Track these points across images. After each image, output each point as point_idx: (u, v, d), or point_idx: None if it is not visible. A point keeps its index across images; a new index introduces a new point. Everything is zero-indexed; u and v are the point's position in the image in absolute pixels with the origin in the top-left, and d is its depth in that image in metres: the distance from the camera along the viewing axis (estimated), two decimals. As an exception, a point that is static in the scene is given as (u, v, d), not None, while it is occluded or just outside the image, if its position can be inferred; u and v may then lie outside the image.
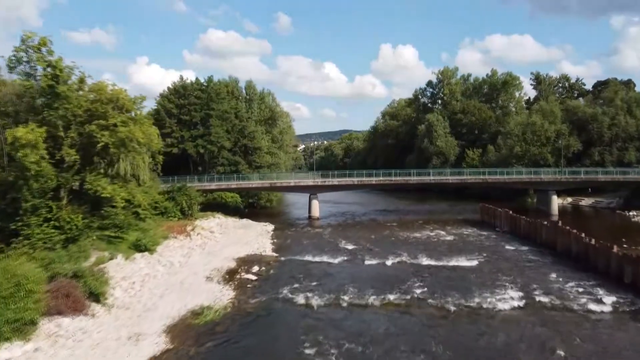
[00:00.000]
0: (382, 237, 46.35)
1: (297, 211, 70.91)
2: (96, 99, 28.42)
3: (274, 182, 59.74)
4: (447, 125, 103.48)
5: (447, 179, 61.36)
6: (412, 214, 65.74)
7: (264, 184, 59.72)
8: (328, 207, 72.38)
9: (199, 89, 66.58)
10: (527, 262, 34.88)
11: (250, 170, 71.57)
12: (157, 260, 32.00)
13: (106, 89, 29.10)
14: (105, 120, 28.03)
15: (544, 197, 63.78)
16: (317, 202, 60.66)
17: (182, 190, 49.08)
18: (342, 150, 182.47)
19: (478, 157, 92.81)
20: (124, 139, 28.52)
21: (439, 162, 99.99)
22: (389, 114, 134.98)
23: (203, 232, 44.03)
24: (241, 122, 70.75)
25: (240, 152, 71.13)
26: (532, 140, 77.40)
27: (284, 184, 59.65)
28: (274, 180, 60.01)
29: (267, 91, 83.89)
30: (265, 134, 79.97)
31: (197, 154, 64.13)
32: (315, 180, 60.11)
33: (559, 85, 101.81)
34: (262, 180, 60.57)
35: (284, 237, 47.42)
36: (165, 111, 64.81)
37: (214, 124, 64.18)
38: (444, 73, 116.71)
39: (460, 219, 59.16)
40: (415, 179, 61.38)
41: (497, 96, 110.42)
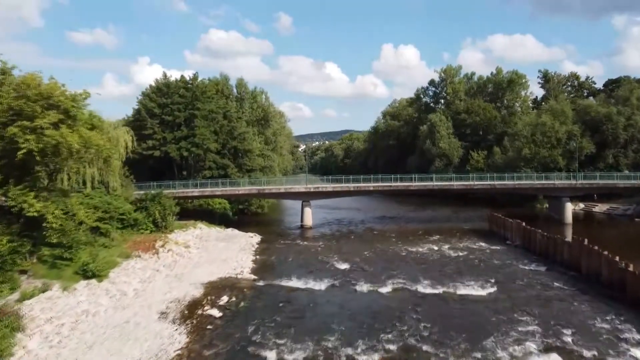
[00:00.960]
0: (379, 253, 40.44)
1: (290, 218, 65.08)
2: (20, 95, 22.54)
3: (262, 188, 53.87)
4: (450, 126, 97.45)
5: (452, 185, 55.37)
6: (413, 222, 59.81)
7: (251, 191, 53.85)
8: (323, 213, 66.57)
9: (184, 87, 60.76)
10: (548, 289, 28.90)
11: (241, 175, 65.99)
12: (105, 289, 26.16)
13: (35, 83, 23.20)
14: (31, 121, 22.17)
15: (556, 204, 57.73)
16: (310, 209, 54.78)
17: (156, 198, 43.29)
18: (343, 151, 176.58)
19: (483, 160, 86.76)
20: (56, 144, 22.63)
21: (441, 164, 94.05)
22: (389, 114, 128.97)
23: (176, 247, 38.18)
24: (230, 122, 64.98)
25: (230, 155, 65.41)
26: (541, 142, 71.32)
27: (273, 190, 53.78)
28: (262, 187, 54.15)
29: (260, 90, 78.15)
30: (257, 135, 74.17)
31: (180, 157, 58.33)
32: (307, 186, 54.20)
33: (567, 83, 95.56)
34: (250, 186, 54.72)
35: (269, 251, 41.56)
36: (146, 111, 59.05)
37: (198, 125, 58.36)
38: (447, 71, 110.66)
39: (467, 228, 53.22)
40: (417, 185, 55.44)
41: (503, 95, 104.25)
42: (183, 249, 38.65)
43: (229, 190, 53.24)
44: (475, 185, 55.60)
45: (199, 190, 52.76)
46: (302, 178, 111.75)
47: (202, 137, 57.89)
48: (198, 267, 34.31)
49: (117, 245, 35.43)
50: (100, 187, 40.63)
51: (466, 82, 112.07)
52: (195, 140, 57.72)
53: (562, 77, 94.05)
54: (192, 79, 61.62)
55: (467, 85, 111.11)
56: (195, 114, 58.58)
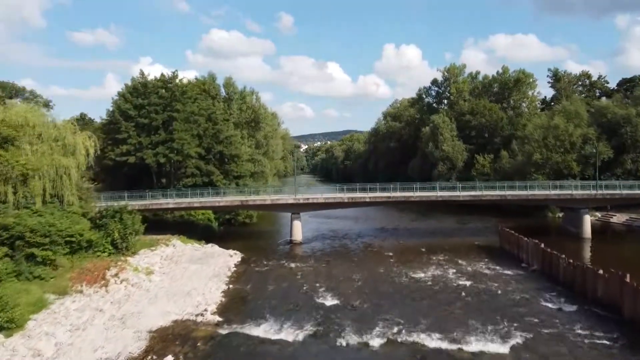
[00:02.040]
0: (374, 280, 33.97)
1: (280, 229, 58.66)
2: None
3: (246, 199, 47.43)
4: (454, 128, 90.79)
5: (458, 196, 48.75)
6: (414, 236, 53.30)
7: (233, 202, 47.40)
8: (316, 223, 60.21)
9: (163, 86, 54.35)
10: (584, 341, 22.40)
11: (228, 182, 59.71)
12: (11, 350, 19.81)
13: None
14: None
15: (573, 216, 51.12)
16: (300, 223, 48.35)
17: (117, 215, 36.90)
18: (343, 152, 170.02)
19: (489, 164, 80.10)
20: None
21: (445, 168, 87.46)
22: (390, 115, 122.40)
23: (133, 275, 31.82)
24: (215, 125, 58.54)
25: (215, 161, 59.05)
26: (554, 146, 64.64)
27: (258, 202, 47.33)
28: (246, 198, 47.68)
29: (250, 90, 71.59)
30: (246, 138, 67.79)
31: (157, 163, 51.96)
32: (296, 197, 47.72)
33: (578, 83, 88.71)
34: (233, 197, 48.31)
35: (246, 277, 35.16)
36: (120, 113, 52.69)
37: (177, 128, 51.97)
38: (450, 70, 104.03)
39: (474, 244, 46.74)
40: (419, 196, 48.88)
41: (509, 96, 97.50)
42: (143, 276, 32.26)
43: (208, 202, 46.87)
44: (483, 195, 48.98)
45: (175, 202, 46.44)
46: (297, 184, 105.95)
47: (181, 142, 51.48)
48: (154, 303, 27.89)
49: (59, 275, 29.15)
50: (54, 202, 34.44)
51: (470, 82, 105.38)
52: (173, 146, 51.33)
53: (573, 77, 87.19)
54: (171, 77, 55.12)
55: (472, 85, 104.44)
56: (174, 116, 52.18)
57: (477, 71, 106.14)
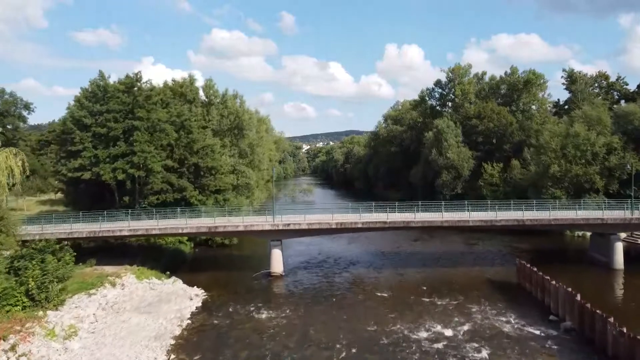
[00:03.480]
0: (362, 346, 25.65)
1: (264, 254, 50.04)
2: None
3: (213, 225, 39.02)
4: (460, 133, 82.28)
5: (467, 221, 40.22)
6: (415, 263, 44.90)
7: (200, 228, 39.04)
8: (304, 245, 51.85)
9: (125, 90, 46.08)
10: None
11: (204, 197, 51.62)
12: None
13: None
14: None
15: (601, 242, 42.60)
16: (280, 252, 39.99)
17: (38, 254, 28.62)
18: (343, 155, 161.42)
19: (498, 174, 71.62)
20: None
21: (449, 177, 79.01)
22: (391, 118, 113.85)
23: (42, 344, 23.60)
24: (189, 134, 50.35)
25: (189, 174, 50.90)
26: (574, 157, 56.07)
27: (229, 228, 38.92)
28: (213, 223, 39.27)
29: (234, 92, 63.16)
30: (229, 147, 59.52)
31: (114, 180, 43.76)
32: (274, 222, 39.34)
33: (595, 84, 79.91)
34: (199, 222, 39.97)
35: (198, 340, 26.86)
36: (74, 121, 44.52)
37: (138, 139, 43.74)
38: (455, 71, 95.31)
39: (487, 278, 38.41)
40: (420, 220, 40.37)
41: (518, 98, 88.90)
42: (57, 344, 24.00)
43: (170, 227, 38.59)
44: (497, 221, 40.42)
45: (130, 228, 38.18)
46: (294, 187, 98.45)
47: (143, 155, 43.26)
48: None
49: None
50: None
51: (476, 83, 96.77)
52: (133, 159, 43.12)
53: (590, 78, 78.39)
54: (133, 78, 46.67)
55: (478, 87, 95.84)
56: (135, 125, 43.95)
57: (484, 72, 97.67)
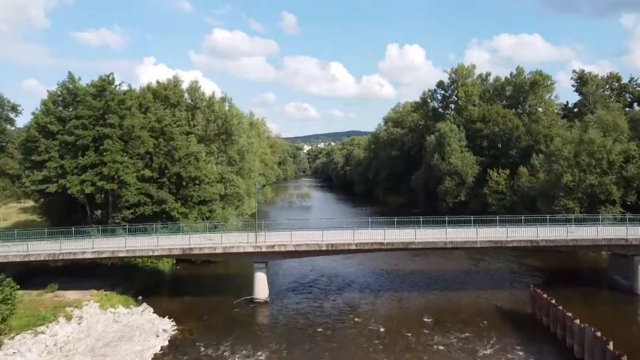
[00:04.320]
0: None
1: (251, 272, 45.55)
2: None
3: (188, 246, 34.20)
4: (463, 137, 77.42)
5: (475, 242, 35.32)
6: (416, 285, 40.01)
7: (172, 250, 34.18)
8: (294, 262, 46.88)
9: (95, 93, 41.33)
10: None
11: (187, 209, 47.00)
12: None
13: None
14: None
15: (624, 263, 37.57)
16: (265, 275, 35.24)
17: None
18: (343, 158, 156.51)
19: (505, 181, 66.67)
20: None
21: (453, 184, 74.14)
22: (392, 120, 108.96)
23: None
24: (170, 141, 45.68)
25: (170, 184, 46.22)
26: (588, 166, 51.12)
27: (205, 249, 34.09)
28: (188, 244, 34.44)
29: (222, 95, 58.37)
30: (216, 154, 54.78)
31: (81, 193, 39.04)
32: (256, 243, 34.54)
33: (606, 86, 74.80)
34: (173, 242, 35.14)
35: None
36: (39, 128, 39.83)
37: (109, 148, 39.00)
38: (458, 72, 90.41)
39: (497, 307, 33.57)
40: (422, 240, 35.39)
41: (524, 100, 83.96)
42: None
43: (138, 249, 33.81)
44: (509, 241, 35.46)
45: (94, 251, 33.47)
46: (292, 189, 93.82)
47: (114, 166, 38.54)
48: None
49: None
50: None
51: (480, 84, 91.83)
52: (102, 171, 38.42)
53: (601, 79, 73.31)
54: (104, 81, 41.80)
55: (482, 88, 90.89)
56: (105, 132, 39.23)
57: (488, 72, 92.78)
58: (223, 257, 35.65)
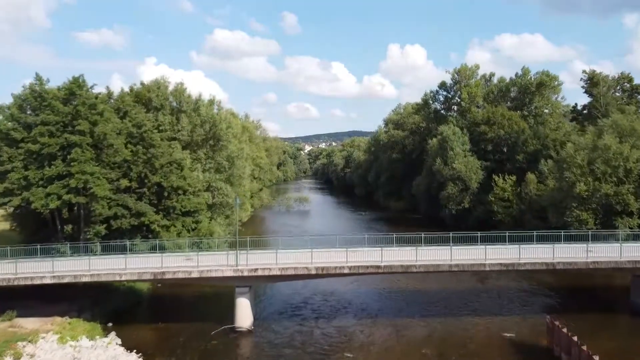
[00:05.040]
0: None
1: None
2: None
3: (160, 270, 29.95)
4: (467, 141, 73.06)
5: (483, 264, 31.16)
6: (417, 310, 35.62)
7: (143, 274, 29.91)
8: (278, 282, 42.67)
9: (64, 97, 37.15)
10: None
11: (169, 222, 42.98)
12: None
13: None
14: None
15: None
16: (248, 301, 31.01)
17: None
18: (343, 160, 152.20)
19: (511, 188, 62.36)
20: None
21: (456, 190, 69.86)
22: (392, 122, 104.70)
23: None
24: (150, 148, 41.58)
25: (150, 195, 42.13)
26: (603, 174, 46.81)
27: (179, 273, 29.87)
28: (160, 267, 30.15)
29: (210, 98, 54.04)
30: (203, 161, 50.64)
31: (45, 207, 34.88)
32: (237, 267, 30.32)
33: (617, 88, 70.36)
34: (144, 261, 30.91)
35: None
36: (1, 136, 35.72)
37: (77, 157, 34.87)
38: (461, 72, 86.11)
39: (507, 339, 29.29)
40: (423, 262, 31.12)
41: (530, 102, 79.61)
42: None
43: (104, 273, 29.63)
44: (521, 264, 31.21)
45: (54, 275, 29.31)
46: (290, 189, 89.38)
47: (81, 178, 34.38)
48: None
49: None
50: None
51: (484, 85, 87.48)
52: (70, 183, 34.28)
53: (612, 80, 68.87)
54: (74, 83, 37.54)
55: (486, 89, 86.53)
56: (73, 140, 35.07)
57: (492, 73, 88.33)
58: (200, 281, 31.38)
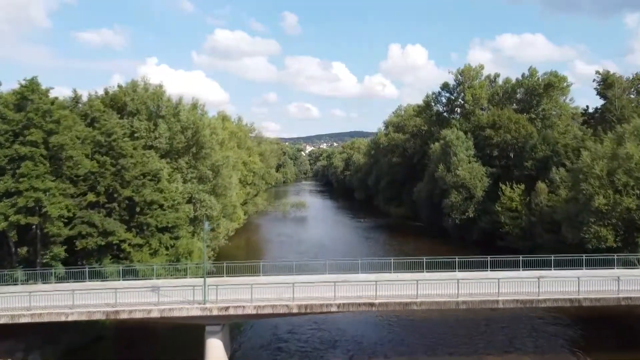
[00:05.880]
0: None
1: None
2: None
3: (113, 308, 24.82)
4: (471, 146, 67.84)
5: (496, 300, 26.02)
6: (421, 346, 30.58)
7: (93, 314, 24.81)
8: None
9: (15, 103, 32.11)
10: None
11: (143, 240, 38.05)
12: None
13: None
14: None
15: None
16: (221, 342, 25.95)
17: None
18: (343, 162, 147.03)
19: (520, 198, 57.11)
20: None
21: (459, 199, 64.62)
22: (393, 125, 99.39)
23: None
24: (119, 158, 36.60)
25: (122, 210, 37.17)
26: (624, 186, 41.60)
27: (136, 313, 24.74)
28: (113, 306, 25.02)
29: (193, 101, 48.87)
30: (185, 170, 45.61)
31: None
32: (206, 305, 25.30)
33: (632, 90, 64.91)
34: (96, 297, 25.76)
35: None
36: (-58, 146, 30.68)
37: (27, 172, 29.86)
38: (465, 73, 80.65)
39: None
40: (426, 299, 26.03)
41: (538, 104, 74.30)
42: None
43: (45, 313, 24.52)
44: (541, 300, 26.11)
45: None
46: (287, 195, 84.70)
47: (32, 196, 29.40)
48: None
49: None
50: None
51: (488, 86, 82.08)
52: (19, 201, 29.29)
53: (626, 81, 63.47)
54: (26, 87, 32.42)
55: (490, 90, 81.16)
56: (23, 153, 30.07)
57: (497, 73, 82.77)
58: (162, 321, 26.33)
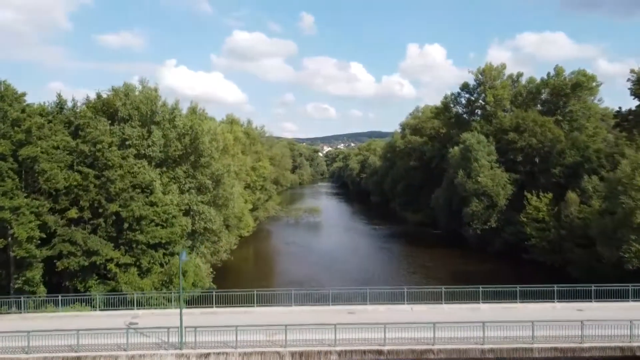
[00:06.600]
0: None
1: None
2: None
3: (73, 354, 20.86)
4: (493, 150, 62.68)
5: (530, 348, 21.11)
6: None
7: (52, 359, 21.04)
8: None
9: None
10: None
11: (133, 258, 34.38)
12: None
13: None
14: None
15: None
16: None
17: None
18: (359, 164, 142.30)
19: (547, 208, 51.86)
20: None
21: (481, 207, 59.61)
22: (410, 127, 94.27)
23: None
24: (105, 169, 32.89)
25: (108, 227, 33.48)
26: (671, 200, 36.33)
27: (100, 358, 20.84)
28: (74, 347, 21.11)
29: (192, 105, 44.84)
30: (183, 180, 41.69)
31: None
32: (183, 351, 21.17)
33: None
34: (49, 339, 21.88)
35: None
36: None
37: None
38: (486, 72, 75.28)
39: None
40: (444, 347, 21.50)
41: (565, 105, 68.66)
42: None
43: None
44: (585, 349, 21.31)
45: None
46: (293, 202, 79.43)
47: None
48: None
49: None
50: None
51: (511, 86, 76.58)
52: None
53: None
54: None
55: (513, 90, 75.67)
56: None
57: (520, 72, 77.00)
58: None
